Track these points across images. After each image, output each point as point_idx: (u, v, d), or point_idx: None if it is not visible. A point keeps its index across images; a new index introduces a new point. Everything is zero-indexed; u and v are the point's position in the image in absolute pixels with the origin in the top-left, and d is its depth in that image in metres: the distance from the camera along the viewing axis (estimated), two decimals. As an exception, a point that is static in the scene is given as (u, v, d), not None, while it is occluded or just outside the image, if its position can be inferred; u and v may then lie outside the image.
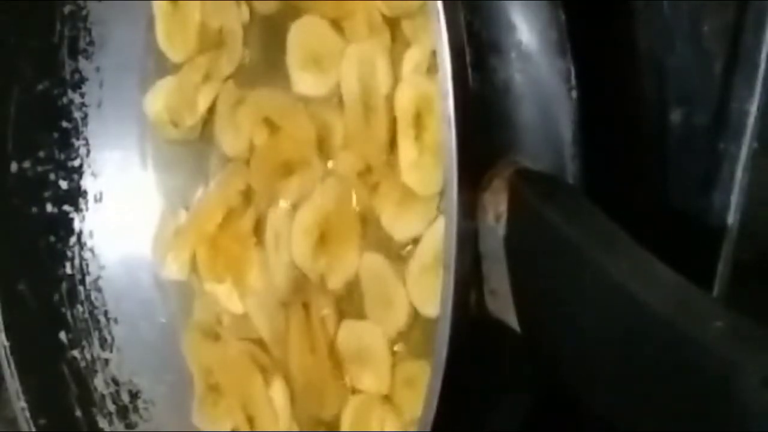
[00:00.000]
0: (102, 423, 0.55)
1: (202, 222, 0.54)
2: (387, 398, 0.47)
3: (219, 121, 0.53)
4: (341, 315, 0.48)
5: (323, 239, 0.48)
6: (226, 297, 0.53)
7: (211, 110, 0.54)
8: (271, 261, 0.50)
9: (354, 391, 0.48)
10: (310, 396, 0.50)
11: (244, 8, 0.52)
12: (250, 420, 0.52)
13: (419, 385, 0.44)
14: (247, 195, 0.52)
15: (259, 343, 0.52)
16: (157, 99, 0.56)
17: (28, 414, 0.53)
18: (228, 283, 0.53)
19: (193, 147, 0.55)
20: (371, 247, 0.47)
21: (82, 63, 0.56)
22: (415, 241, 0.44)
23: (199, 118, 0.54)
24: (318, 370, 0.49)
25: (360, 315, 0.47)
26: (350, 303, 0.48)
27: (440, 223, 0.42)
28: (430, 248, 0.44)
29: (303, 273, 0.49)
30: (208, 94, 0.54)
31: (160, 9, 0.55)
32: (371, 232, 0.47)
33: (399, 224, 0.45)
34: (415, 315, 0.45)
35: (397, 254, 0.46)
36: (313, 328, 0.49)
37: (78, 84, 0.56)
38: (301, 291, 0.49)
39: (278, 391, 0.51)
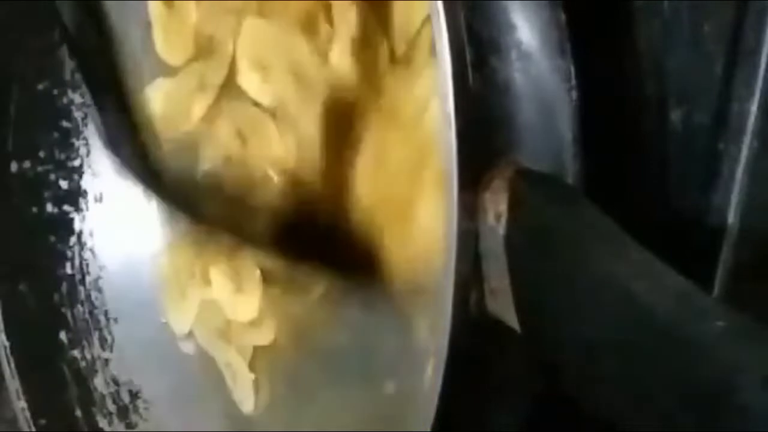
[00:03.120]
0: (102, 423, 0.55)
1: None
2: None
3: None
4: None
5: None
6: None
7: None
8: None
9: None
10: None
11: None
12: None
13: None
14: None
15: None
16: (155, 98, 0.56)
17: (28, 414, 0.53)
18: None
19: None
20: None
21: (82, 63, 0.56)
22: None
23: (194, 125, 0.54)
24: None
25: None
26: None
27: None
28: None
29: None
30: (204, 101, 0.54)
31: (155, 11, 0.55)
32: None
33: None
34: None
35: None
36: None
37: (78, 84, 0.56)
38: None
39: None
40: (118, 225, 0.57)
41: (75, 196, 0.57)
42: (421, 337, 0.44)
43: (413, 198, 0.44)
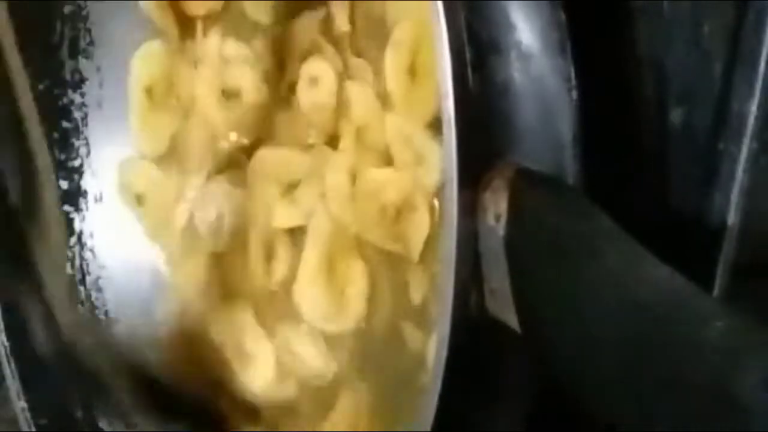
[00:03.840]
0: (102, 423, 0.55)
1: None
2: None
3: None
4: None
5: None
6: None
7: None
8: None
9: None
10: None
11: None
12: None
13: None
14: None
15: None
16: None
17: (28, 414, 0.53)
18: None
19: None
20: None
21: (82, 63, 0.56)
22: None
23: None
24: None
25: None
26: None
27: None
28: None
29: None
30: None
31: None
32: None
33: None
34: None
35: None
36: None
37: (78, 84, 0.56)
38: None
39: None
40: (118, 225, 0.57)
41: (75, 196, 0.57)
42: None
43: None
